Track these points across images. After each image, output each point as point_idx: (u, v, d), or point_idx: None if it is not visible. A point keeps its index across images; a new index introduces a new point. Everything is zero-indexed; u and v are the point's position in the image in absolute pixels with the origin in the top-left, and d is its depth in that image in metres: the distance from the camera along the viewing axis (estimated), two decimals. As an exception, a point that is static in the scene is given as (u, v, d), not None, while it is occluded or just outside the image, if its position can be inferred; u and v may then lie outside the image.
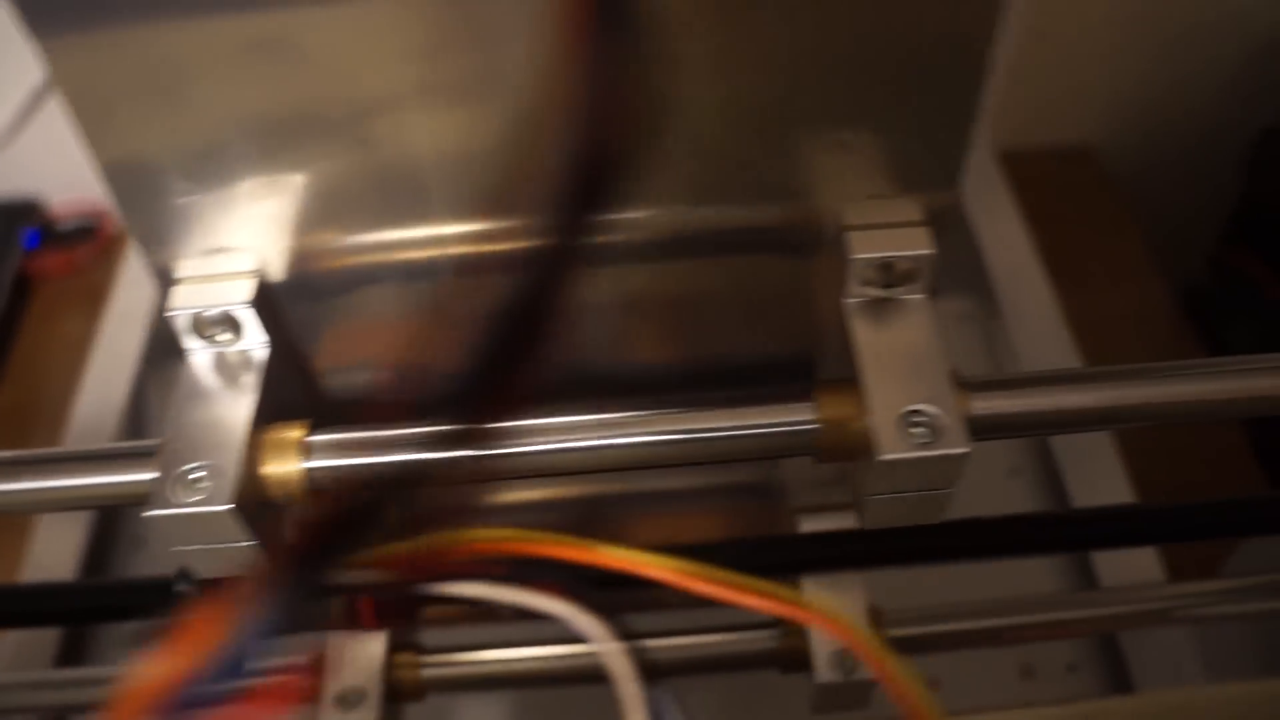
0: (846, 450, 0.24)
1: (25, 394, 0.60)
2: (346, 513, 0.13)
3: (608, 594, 0.29)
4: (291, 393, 0.27)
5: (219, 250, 0.24)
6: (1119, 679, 0.41)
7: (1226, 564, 0.38)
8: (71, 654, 0.43)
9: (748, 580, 0.23)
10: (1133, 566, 0.42)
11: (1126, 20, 0.53)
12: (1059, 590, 0.42)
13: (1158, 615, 0.35)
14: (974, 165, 0.52)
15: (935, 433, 0.23)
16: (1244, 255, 0.52)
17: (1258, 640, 0.38)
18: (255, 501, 0.23)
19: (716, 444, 0.24)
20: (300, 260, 0.25)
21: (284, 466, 0.23)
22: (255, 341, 0.24)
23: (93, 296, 0.64)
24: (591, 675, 0.33)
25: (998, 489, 0.46)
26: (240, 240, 0.24)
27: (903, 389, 0.23)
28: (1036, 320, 0.48)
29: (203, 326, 0.24)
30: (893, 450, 0.23)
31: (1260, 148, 0.52)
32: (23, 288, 0.63)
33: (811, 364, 0.29)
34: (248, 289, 0.24)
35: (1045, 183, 0.55)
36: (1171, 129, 0.57)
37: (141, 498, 0.23)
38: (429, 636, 0.32)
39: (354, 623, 0.28)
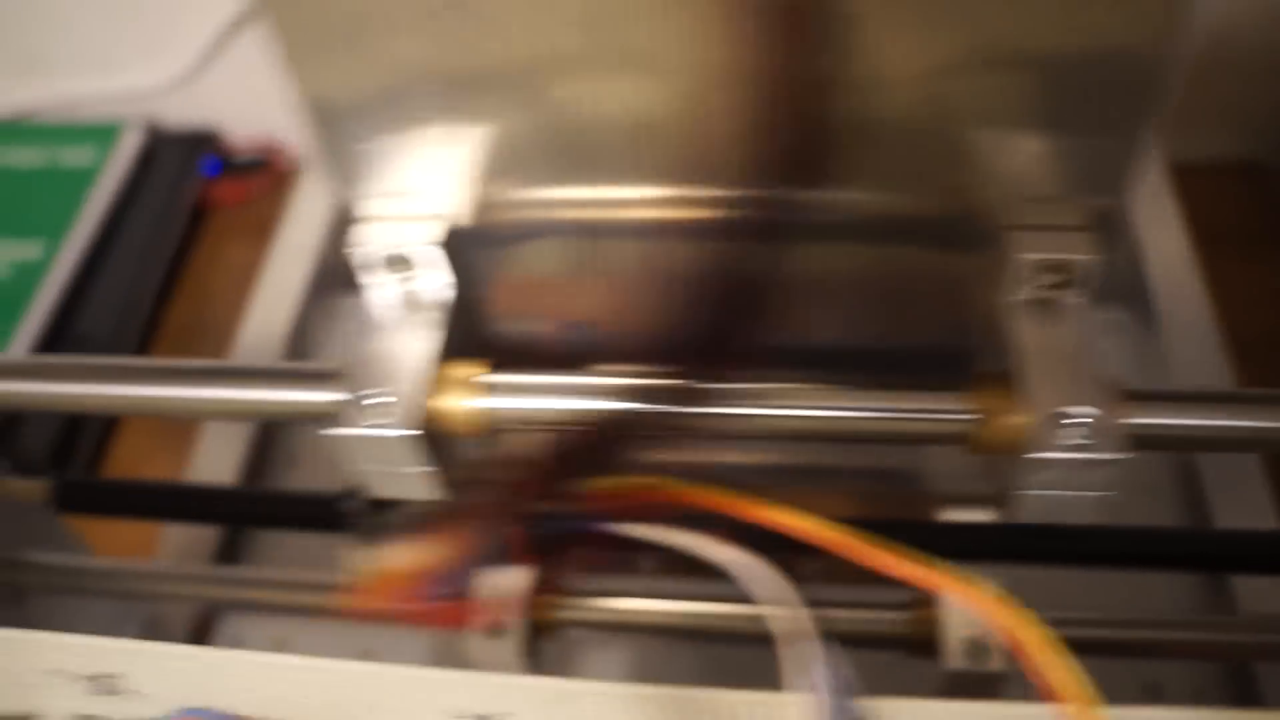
0: (998, 445, 0.24)
1: (195, 313, 0.64)
2: (582, 449, 0.14)
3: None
4: (460, 334, 0.29)
5: (403, 193, 0.25)
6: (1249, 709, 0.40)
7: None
8: (228, 553, 0.46)
9: (914, 554, 0.23)
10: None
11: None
12: (1186, 611, 0.42)
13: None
14: (1141, 174, 0.51)
15: (1090, 436, 0.23)
16: None
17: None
18: (431, 431, 0.24)
19: (877, 424, 0.25)
20: (477, 208, 0.26)
21: (462, 402, 0.25)
22: (437, 281, 0.26)
23: (261, 227, 0.67)
24: (725, 633, 0.34)
25: (1136, 505, 0.46)
26: (423, 185, 0.25)
27: (1059, 390, 0.24)
28: (1192, 339, 0.46)
29: (386, 264, 0.25)
30: (1047, 449, 0.23)
31: None
32: (199, 213, 0.67)
33: (957, 356, 0.29)
34: (436, 231, 0.25)
35: (1218, 199, 0.53)
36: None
37: (318, 415, 0.25)
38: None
39: (504, 556, 0.29)
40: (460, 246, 0.27)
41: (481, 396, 0.25)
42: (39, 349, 0.58)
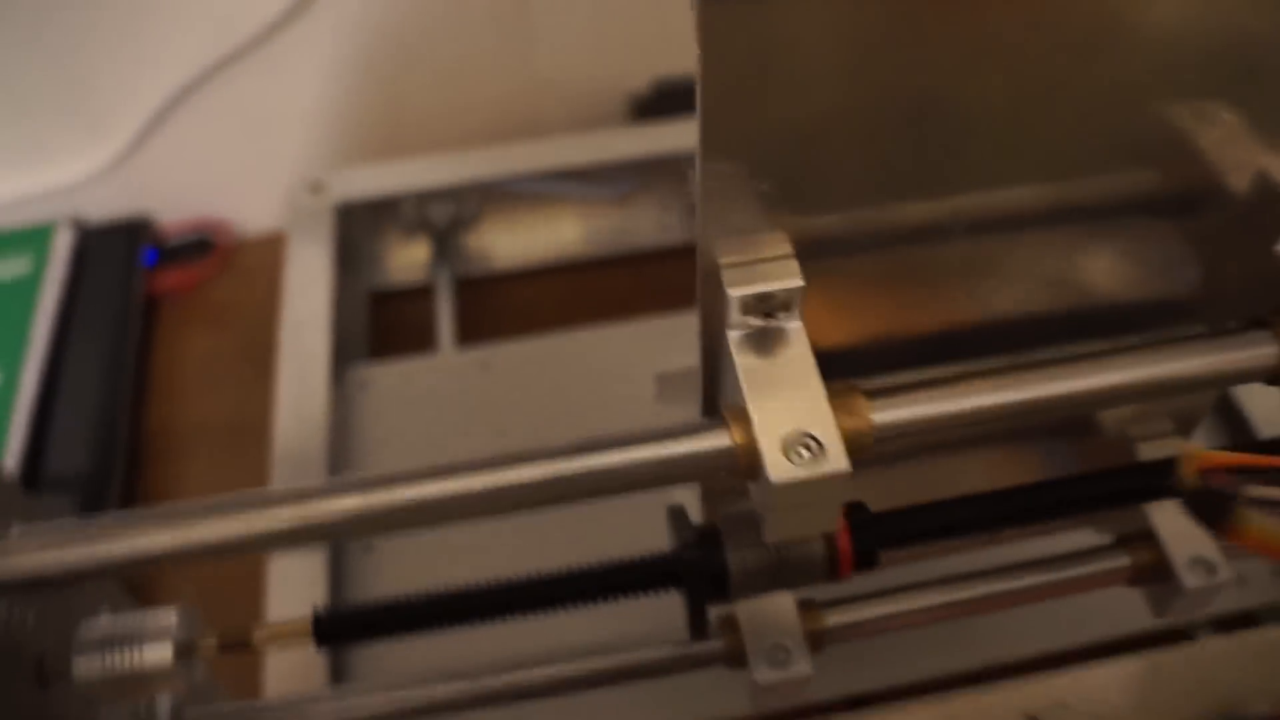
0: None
1: (173, 414, 0.59)
2: None
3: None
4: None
5: (760, 232, 0.26)
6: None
7: None
8: (338, 675, 0.44)
9: None
10: None
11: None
12: None
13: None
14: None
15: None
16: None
17: None
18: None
19: (1205, 372, 0.27)
20: (819, 232, 0.27)
21: (858, 424, 0.25)
22: (798, 316, 0.26)
23: (215, 310, 0.64)
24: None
25: None
26: (783, 224, 0.26)
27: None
28: None
29: (755, 306, 0.26)
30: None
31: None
32: (147, 307, 0.62)
33: (1171, 307, 0.33)
34: (798, 271, 0.26)
35: None
36: None
37: (732, 467, 0.25)
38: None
39: (830, 573, 0.30)
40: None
41: (872, 415, 0.25)
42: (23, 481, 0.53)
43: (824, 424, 0.24)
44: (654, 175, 0.64)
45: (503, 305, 0.63)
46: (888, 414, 0.26)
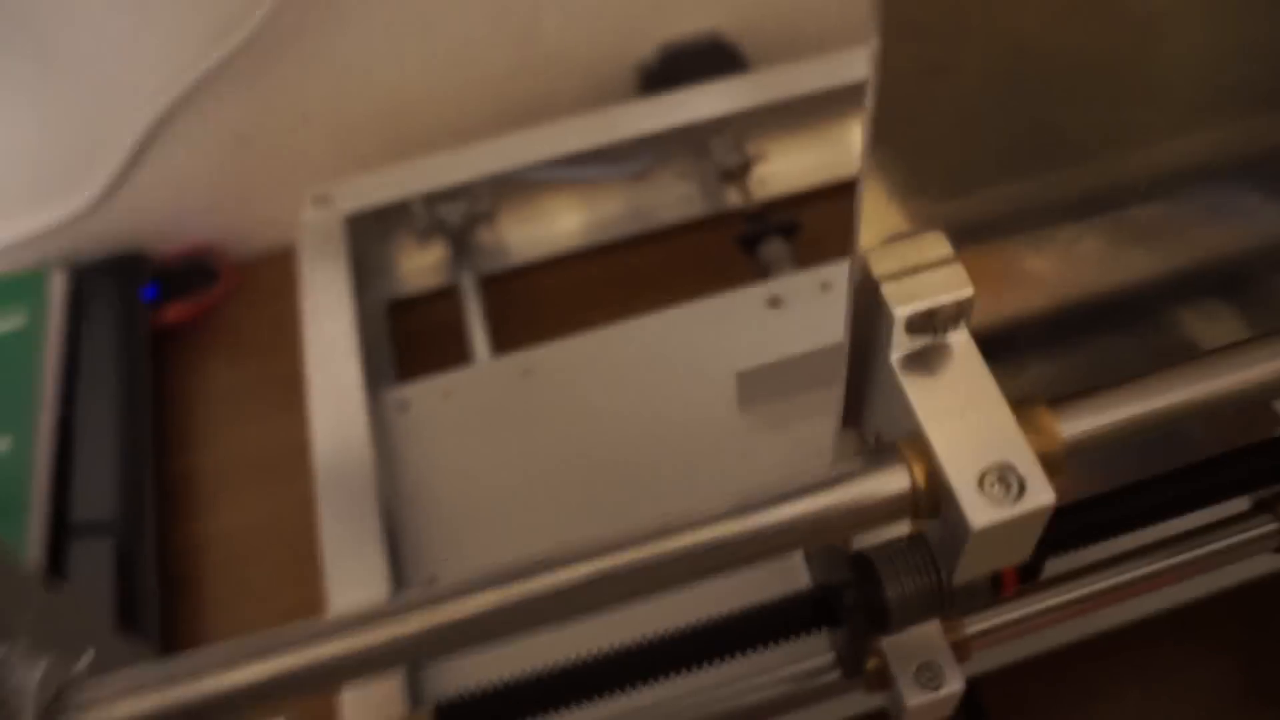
0: None
1: (197, 459, 0.56)
2: None
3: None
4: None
5: (919, 232, 0.23)
6: None
7: None
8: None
9: None
10: None
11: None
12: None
13: None
14: None
15: None
16: None
17: None
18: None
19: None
20: (976, 217, 0.24)
21: (1050, 443, 0.23)
22: (964, 327, 0.23)
23: (225, 340, 0.60)
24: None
25: None
26: (940, 216, 0.23)
27: None
28: None
29: (922, 323, 0.23)
30: None
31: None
32: (156, 343, 0.58)
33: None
34: (965, 277, 0.23)
35: None
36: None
37: (896, 508, 0.22)
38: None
39: (994, 592, 0.27)
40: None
41: (1064, 431, 0.23)
42: (45, 543, 0.49)
43: (1019, 451, 0.22)
44: (669, 148, 0.61)
45: (529, 299, 0.60)
46: (1078, 425, 0.23)
